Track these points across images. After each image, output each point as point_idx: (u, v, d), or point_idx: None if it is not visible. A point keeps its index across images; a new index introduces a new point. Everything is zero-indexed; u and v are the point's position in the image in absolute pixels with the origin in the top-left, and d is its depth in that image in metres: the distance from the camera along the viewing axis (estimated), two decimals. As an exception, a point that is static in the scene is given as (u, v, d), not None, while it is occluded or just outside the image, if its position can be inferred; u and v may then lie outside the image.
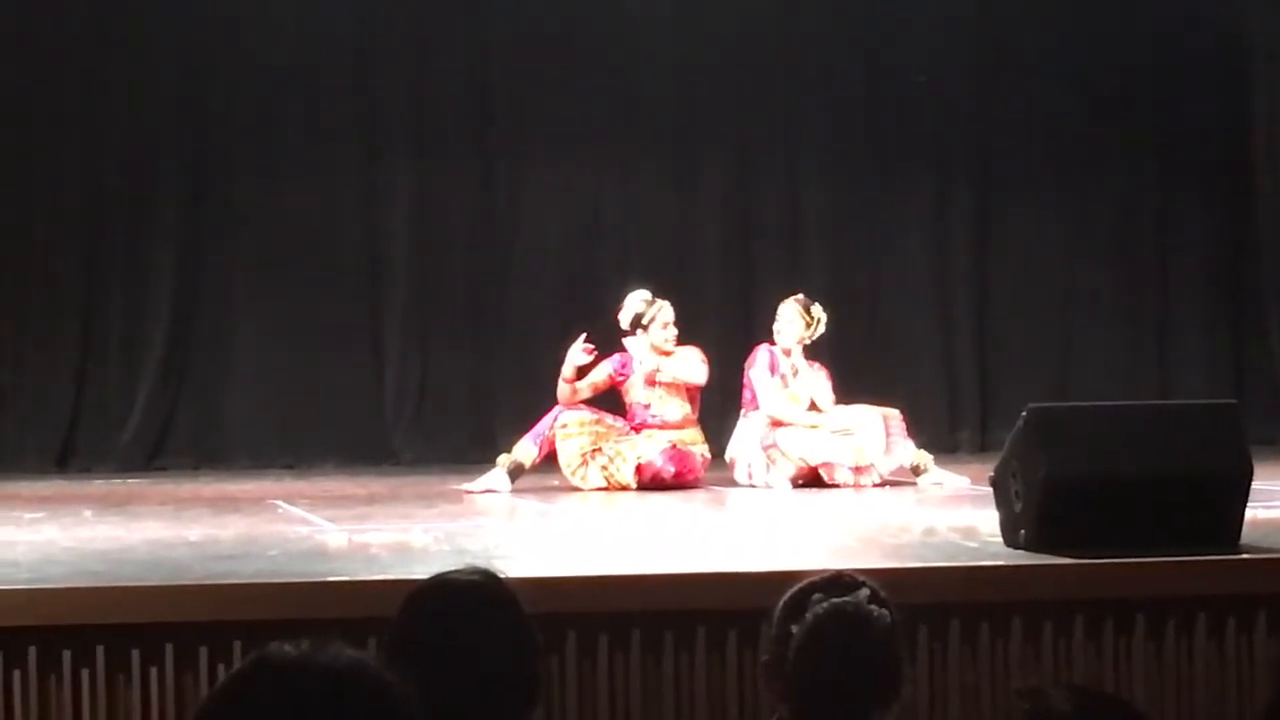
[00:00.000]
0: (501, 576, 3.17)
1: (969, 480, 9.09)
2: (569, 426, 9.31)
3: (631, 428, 9.47)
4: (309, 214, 11.31)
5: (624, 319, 9.52)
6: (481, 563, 3.38)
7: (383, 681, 1.84)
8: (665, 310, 9.51)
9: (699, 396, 9.62)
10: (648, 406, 9.51)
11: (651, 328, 9.47)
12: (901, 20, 11.96)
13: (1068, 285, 12.14)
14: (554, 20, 11.57)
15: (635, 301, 9.53)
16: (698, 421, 9.60)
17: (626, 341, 9.53)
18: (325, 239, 11.36)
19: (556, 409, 9.41)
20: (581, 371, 9.48)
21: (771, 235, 11.90)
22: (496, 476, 9.21)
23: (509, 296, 11.55)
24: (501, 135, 11.63)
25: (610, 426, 9.43)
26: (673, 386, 9.52)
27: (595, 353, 9.45)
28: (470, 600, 3.06)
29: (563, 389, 9.44)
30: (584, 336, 9.45)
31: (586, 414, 9.42)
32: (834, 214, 11.93)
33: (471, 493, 9.10)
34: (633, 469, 9.26)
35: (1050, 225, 12.10)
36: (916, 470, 9.41)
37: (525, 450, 9.29)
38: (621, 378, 9.57)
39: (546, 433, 9.30)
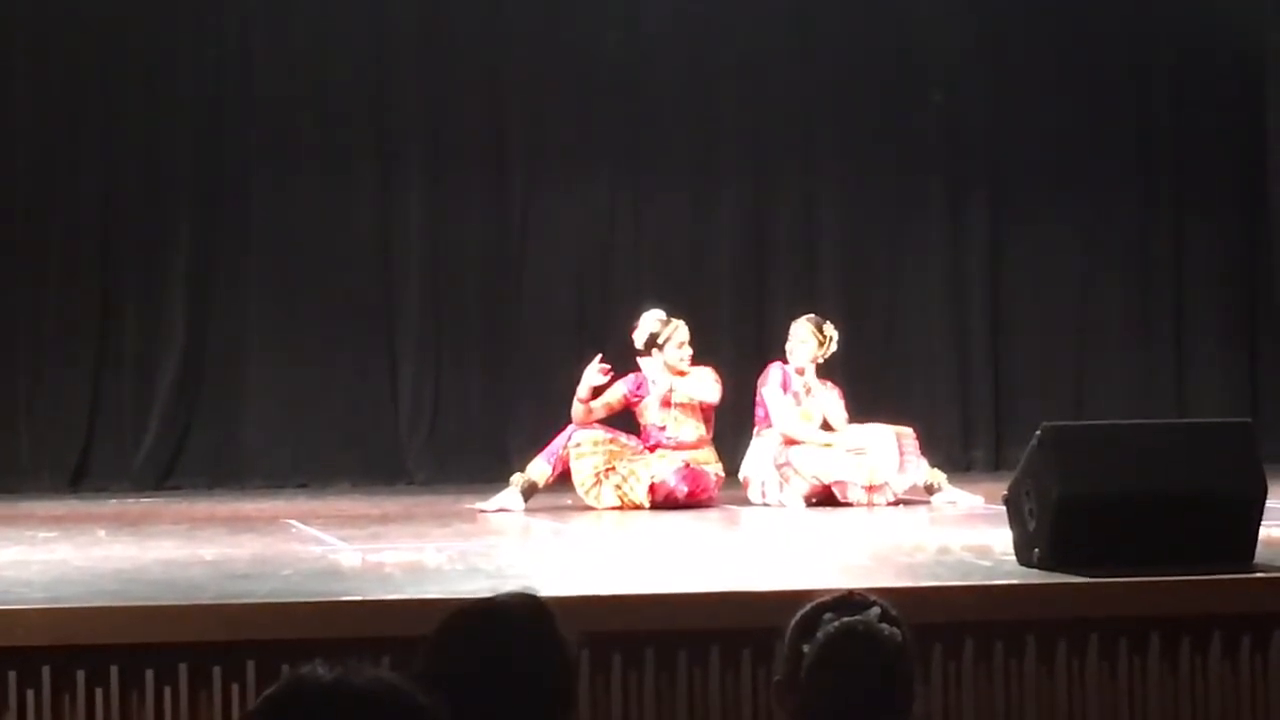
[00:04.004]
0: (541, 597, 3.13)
1: (983, 499, 9.07)
2: (583, 445, 9.30)
3: (646, 448, 9.46)
4: (323, 234, 11.33)
5: (638, 339, 9.52)
6: (499, 582, 3.37)
7: (417, 704, 1.84)
8: (680, 330, 9.50)
9: (713, 416, 9.61)
10: (663, 428, 9.49)
11: (666, 347, 9.46)
12: (916, 40, 11.97)
13: (1082, 303, 12.13)
14: (569, 40, 11.59)
15: (650, 321, 9.53)
16: (712, 441, 9.59)
17: (641, 361, 9.53)
18: (339, 259, 11.37)
19: (570, 428, 9.40)
20: (596, 391, 9.48)
21: (786, 254, 11.90)
22: (510, 496, 9.21)
23: (523, 316, 11.56)
24: (516, 154, 11.64)
25: (624, 445, 9.42)
26: (688, 407, 9.51)
27: (611, 373, 9.45)
28: (517, 624, 3.02)
29: (577, 409, 9.44)
30: (599, 357, 9.45)
31: (600, 433, 9.41)
32: (848, 233, 11.93)
33: (485, 512, 9.10)
34: (646, 488, 9.25)
35: (1065, 244, 12.10)
36: (930, 489, 9.40)
37: (539, 469, 9.29)
38: (636, 399, 9.56)
39: (560, 452, 9.30)
